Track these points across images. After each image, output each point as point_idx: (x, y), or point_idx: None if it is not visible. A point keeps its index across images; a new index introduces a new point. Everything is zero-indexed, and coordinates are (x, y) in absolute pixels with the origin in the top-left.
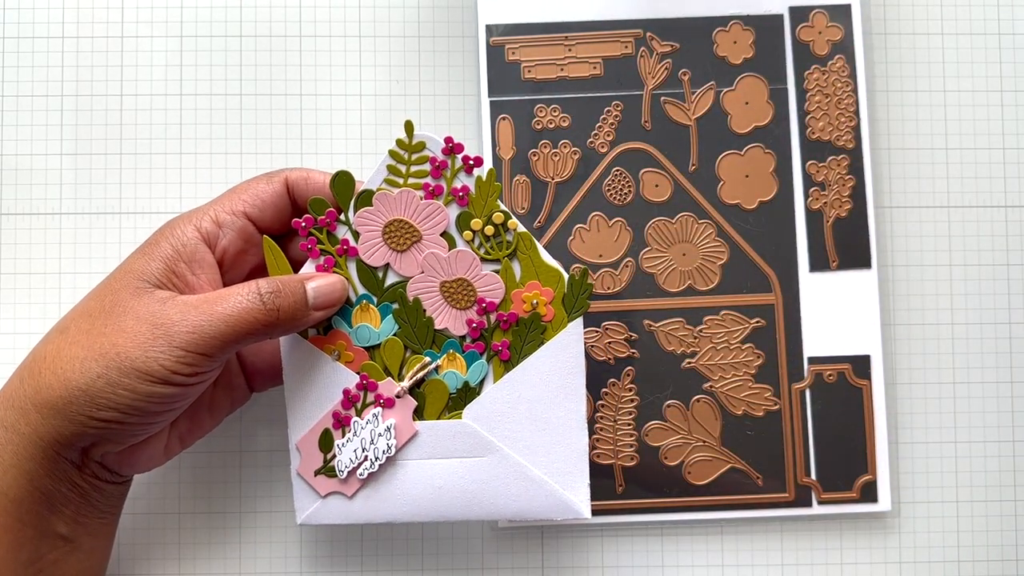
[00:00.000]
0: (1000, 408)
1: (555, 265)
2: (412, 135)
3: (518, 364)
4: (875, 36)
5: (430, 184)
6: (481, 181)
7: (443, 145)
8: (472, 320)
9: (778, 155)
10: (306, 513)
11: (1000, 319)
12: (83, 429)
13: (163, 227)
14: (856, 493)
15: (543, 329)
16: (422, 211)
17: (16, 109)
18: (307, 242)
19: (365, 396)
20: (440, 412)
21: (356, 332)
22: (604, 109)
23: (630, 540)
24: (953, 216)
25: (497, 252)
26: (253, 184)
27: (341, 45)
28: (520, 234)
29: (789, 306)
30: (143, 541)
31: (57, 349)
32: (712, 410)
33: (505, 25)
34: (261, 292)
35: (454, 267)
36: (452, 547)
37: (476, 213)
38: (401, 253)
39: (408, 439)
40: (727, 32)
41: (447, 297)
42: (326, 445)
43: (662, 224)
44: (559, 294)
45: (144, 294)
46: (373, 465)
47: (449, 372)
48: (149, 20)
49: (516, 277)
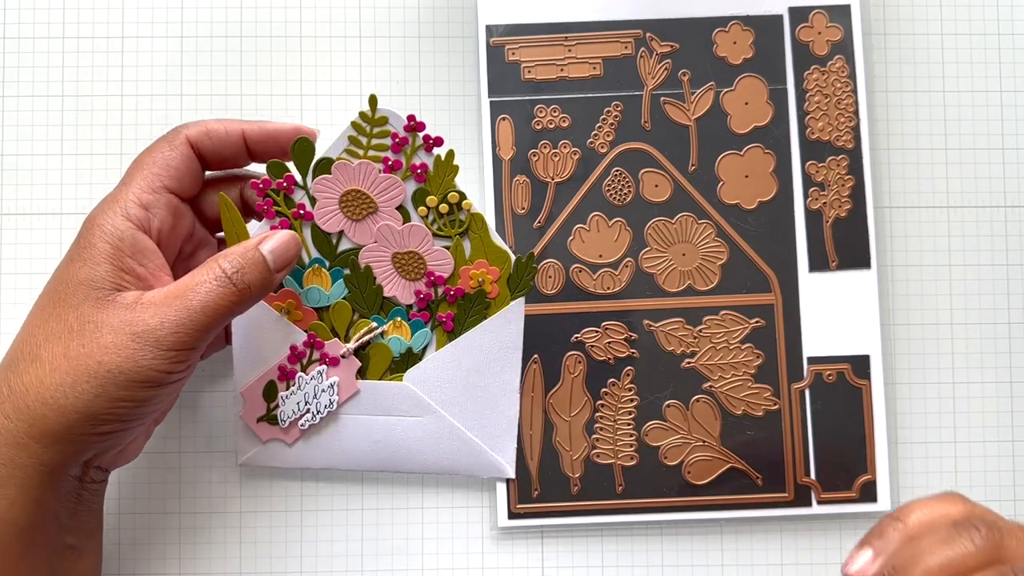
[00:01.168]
0: (1000, 408)
1: (504, 247)
2: (376, 109)
3: (460, 335)
4: (875, 36)
5: (389, 158)
6: (440, 160)
7: (405, 122)
8: (420, 291)
9: (778, 155)
10: (246, 455)
11: (1000, 319)
12: (87, 446)
13: (88, 226)
14: (856, 493)
15: (487, 305)
16: (380, 184)
17: (16, 109)
18: (264, 203)
19: (311, 353)
20: (382, 374)
21: (307, 293)
22: (604, 109)
23: (630, 540)
24: (953, 216)
25: (449, 229)
26: (157, 154)
27: (341, 45)
28: (473, 215)
29: (789, 306)
30: (143, 541)
31: (39, 380)
32: (712, 410)
33: (505, 25)
34: (228, 274)
35: (407, 240)
36: (452, 547)
37: (432, 191)
38: (356, 222)
39: (350, 396)
40: (727, 32)
41: (398, 268)
42: (270, 395)
43: (662, 224)
44: (505, 274)
45: (107, 304)
46: (315, 418)
47: (394, 338)
48: (149, 20)
49: (466, 254)
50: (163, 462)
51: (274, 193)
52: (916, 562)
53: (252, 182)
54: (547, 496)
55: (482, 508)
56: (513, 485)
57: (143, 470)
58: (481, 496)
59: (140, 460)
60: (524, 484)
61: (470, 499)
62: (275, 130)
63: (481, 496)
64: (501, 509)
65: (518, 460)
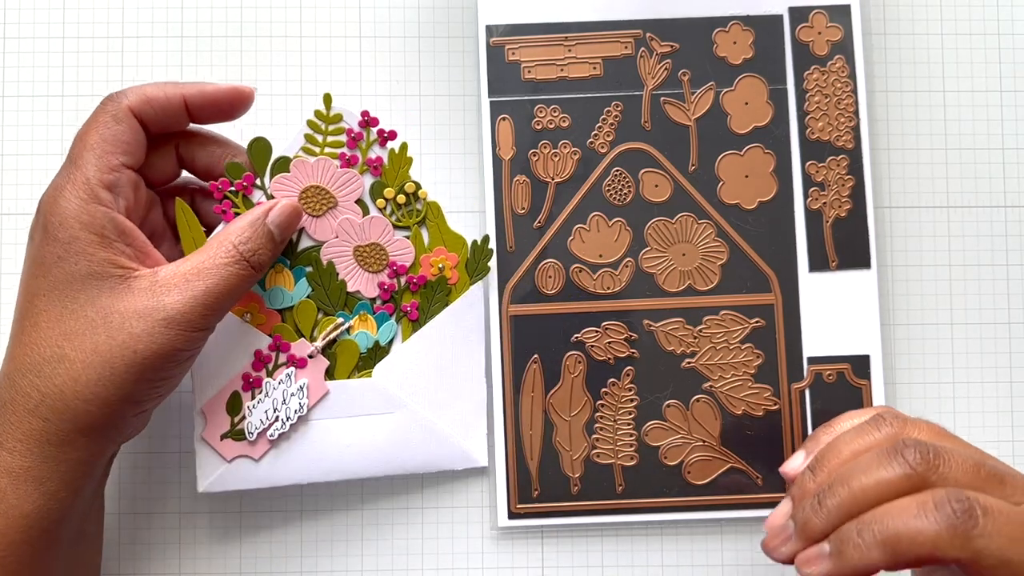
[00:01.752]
0: (1000, 408)
1: (459, 233)
2: (330, 106)
3: (425, 324)
4: (875, 36)
5: (346, 154)
6: (394, 153)
7: (359, 118)
8: (383, 283)
9: (778, 155)
10: (209, 480)
11: (1000, 319)
12: (130, 428)
13: (59, 217)
14: None
15: (448, 291)
16: (338, 179)
17: (16, 109)
18: (222, 205)
19: (277, 357)
20: (351, 371)
21: (269, 295)
22: (604, 109)
23: (630, 540)
24: (953, 216)
25: (408, 219)
26: (105, 130)
27: (341, 45)
28: (429, 203)
29: (789, 306)
30: (144, 541)
31: (73, 379)
32: (712, 410)
33: (505, 25)
34: (242, 252)
35: (368, 232)
36: (452, 547)
37: (389, 183)
38: (316, 218)
39: (319, 398)
40: (727, 32)
41: (360, 261)
42: (234, 408)
43: (662, 224)
44: (463, 259)
45: (124, 292)
46: (284, 425)
47: (360, 332)
48: (149, 20)
49: (425, 243)
50: (162, 461)
51: (232, 194)
52: (851, 477)
53: (211, 184)
54: (547, 496)
55: (482, 508)
56: (513, 485)
57: (143, 470)
58: (481, 496)
59: (140, 459)
60: (524, 484)
61: (470, 499)
62: (215, 92)
63: (481, 496)
64: (501, 509)
65: (518, 460)
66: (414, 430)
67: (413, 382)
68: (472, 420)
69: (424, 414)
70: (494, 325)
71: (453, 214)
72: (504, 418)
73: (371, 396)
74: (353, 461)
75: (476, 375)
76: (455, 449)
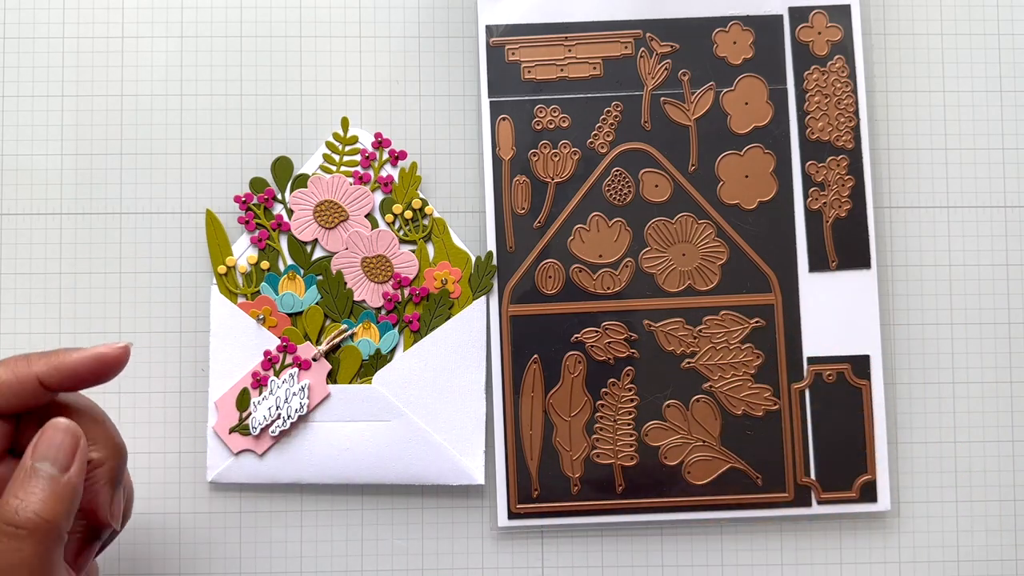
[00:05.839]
0: (1000, 408)
1: (464, 249)
2: (347, 129)
3: (427, 335)
4: (874, 36)
5: (360, 172)
6: (404, 172)
7: (373, 140)
8: (387, 293)
9: (778, 155)
10: (217, 471)
11: (1000, 319)
12: None
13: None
14: (855, 493)
15: (451, 304)
16: (351, 195)
17: (16, 109)
18: (245, 215)
19: (284, 358)
20: (352, 377)
21: (282, 299)
22: (604, 109)
23: (630, 540)
24: (953, 216)
25: (414, 234)
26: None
27: (341, 45)
28: (435, 219)
29: (788, 306)
30: (143, 542)
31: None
32: (712, 410)
33: (505, 25)
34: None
35: (375, 244)
36: (452, 547)
37: (398, 199)
38: (329, 230)
39: (320, 400)
40: (727, 32)
41: (367, 271)
42: (243, 404)
43: (662, 224)
44: (466, 274)
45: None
46: (285, 423)
47: (363, 340)
48: (149, 20)
49: (429, 257)
50: (163, 462)
51: (255, 207)
52: None
53: (235, 196)
54: (547, 496)
55: (482, 508)
56: (513, 485)
57: (143, 470)
58: (481, 496)
59: (140, 460)
60: (524, 484)
61: (470, 499)
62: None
63: (481, 496)
64: (501, 509)
65: (518, 460)
66: (412, 440)
67: (412, 391)
68: (471, 436)
69: (422, 425)
70: (494, 325)
71: (453, 214)
72: (504, 418)
73: (371, 402)
74: (351, 465)
75: (476, 391)
76: (452, 464)
